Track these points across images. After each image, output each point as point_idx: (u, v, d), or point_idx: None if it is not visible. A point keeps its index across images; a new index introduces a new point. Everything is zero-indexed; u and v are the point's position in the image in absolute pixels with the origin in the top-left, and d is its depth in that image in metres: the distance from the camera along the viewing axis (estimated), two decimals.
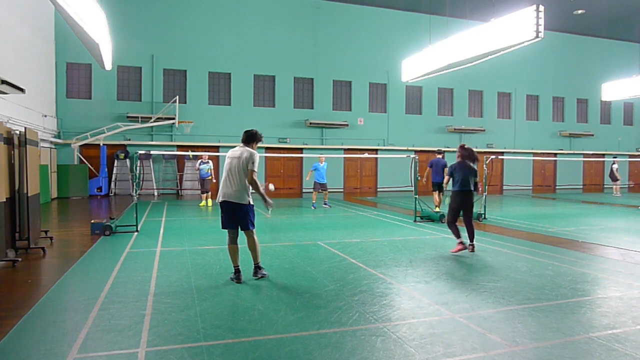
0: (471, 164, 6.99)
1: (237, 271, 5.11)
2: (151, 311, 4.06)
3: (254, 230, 5.17)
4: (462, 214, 7.03)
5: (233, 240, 5.15)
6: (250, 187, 5.06)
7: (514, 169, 24.50)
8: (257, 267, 5.27)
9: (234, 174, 5.02)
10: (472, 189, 6.95)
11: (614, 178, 19.54)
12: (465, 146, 7.12)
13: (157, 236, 8.22)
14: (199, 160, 13.78)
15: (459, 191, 6.93)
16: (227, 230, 5.16)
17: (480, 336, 3.53)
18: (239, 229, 5.17)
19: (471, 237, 6.96)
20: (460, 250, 6.77)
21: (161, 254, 6.58)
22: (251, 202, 5.11)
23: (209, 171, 13.52)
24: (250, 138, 5.21)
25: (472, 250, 6.88)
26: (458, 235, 6.85)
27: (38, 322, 3.81)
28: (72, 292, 4.80)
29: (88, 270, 5.68)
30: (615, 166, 19.30)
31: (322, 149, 20.42)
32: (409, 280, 5.24)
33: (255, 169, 5.00)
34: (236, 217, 5.08)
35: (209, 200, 13.83)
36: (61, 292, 4.72)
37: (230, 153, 5.16)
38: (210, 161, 13.78)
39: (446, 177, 7.13)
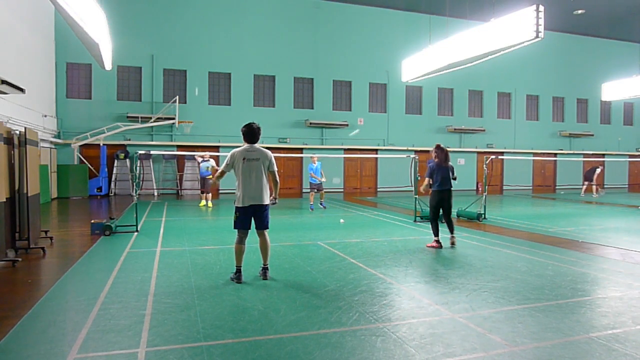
0: (449, 163, 7.36)
1: (239, 271, 5.11)
2: (151, 311, 4.06)
3: None
4: (442, 211, 7.38)
5: (242, 240, 5.17)
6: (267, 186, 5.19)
7: (514, 169, 24.50)
8: (266, 269, 5.28)
9: (258, 176, 5.08)
10: (451, 186, 7.31)
11: (589, 178, 19.48)
12: (441, 146, 7.44)
13: (157, 236, 8.22)
14: (201, 159, 13.59)
15: (439, 190, 7.23)
16: (237, 230, 5.15)
17: (480, 336, 3.53)
18: (249, 229, 5.19)
19: (451, 230, 7.31)
20: (435, 247, 7.08)
21: (161, 254, 6.58)
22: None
23: (208, 169, 13.03)
24: (258, 136, 5.20)
25: (453, 243, 7.22)
26: (436, 233, 7.18)
27: (38, 322, 3.81)
28: (72, 292, 4.79)
29: (88, 270, 5.68)
30: (597, 170, 19.27)
31: (322, 149, 20.43)
32: (409, 280, 5.25)
33: (276, 169, 5.24)
34: (257, 217, 5.15)
35: (210, 202, 13.65)
36: (61, 292, 4.72)
37: (246, 155, 5.08)
38: (211, 159, 13.31)
39: (426, 179, 7.30)
